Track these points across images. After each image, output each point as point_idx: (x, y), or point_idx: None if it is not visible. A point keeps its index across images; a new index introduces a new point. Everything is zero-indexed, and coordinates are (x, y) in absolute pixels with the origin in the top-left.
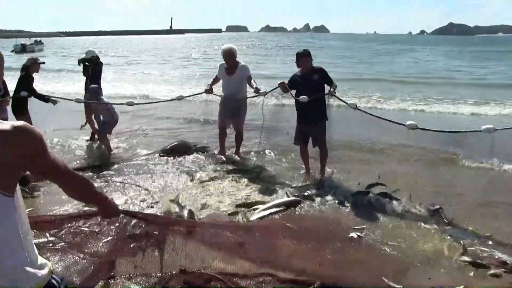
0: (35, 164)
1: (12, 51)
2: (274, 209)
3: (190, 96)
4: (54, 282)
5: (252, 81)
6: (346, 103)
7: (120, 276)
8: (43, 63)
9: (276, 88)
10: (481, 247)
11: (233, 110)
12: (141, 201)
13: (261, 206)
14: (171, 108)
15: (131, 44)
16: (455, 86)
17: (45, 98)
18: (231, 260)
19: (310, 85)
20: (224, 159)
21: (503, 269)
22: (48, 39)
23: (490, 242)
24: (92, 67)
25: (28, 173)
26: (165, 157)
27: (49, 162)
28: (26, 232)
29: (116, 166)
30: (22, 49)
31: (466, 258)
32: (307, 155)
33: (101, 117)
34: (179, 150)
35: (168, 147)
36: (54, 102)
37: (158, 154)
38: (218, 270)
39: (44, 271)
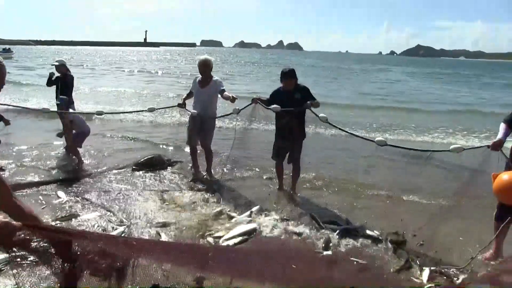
0: None
1: None
2: (238, 238)
3: (162, 108)
4: None
5: (225, 93)
6: (318, 116)
7: None
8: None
9: (250, 104)
10: None
11: (201, 126)
12: (108, 221)
13: (225, 235)
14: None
15: (103, 55)
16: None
17: None
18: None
19: (291, 104)
20: (198, 175)
21: None
22: (16, 47)
23: None
24: (61, 79)
25: None
26: (138, 172)
27: None
28: None
29: (87, 179)
30: None
31: None
32: (282, 171)
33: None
34: (153, 164)
35: (142, 160)
36: (6, 123)
37: (131, 168)
38: (192, 286)
39: None
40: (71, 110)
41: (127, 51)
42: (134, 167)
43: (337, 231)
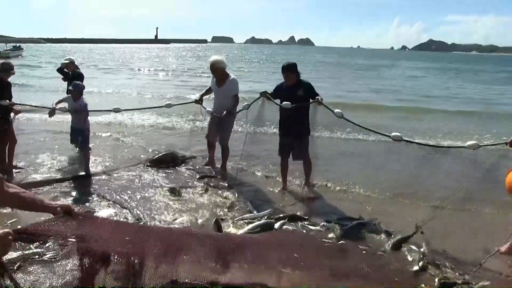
0: None
1: None
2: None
3: (179, 104)
4: None
5: (234, 102)
6: (332, 111)
7: None
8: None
9: (258, 98)
10: None
11: (219, 124)
12: (124, 218)
13: (234, 230)
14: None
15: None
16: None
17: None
18: (224, 270)
19: (293, 100)
20: (213, 171)
21: None
22: (28, 45)
23: None
24: (70, 76)
25: None
26: (152, 168)
27: None
28: None
29: (102, 176)
30: None
31: None
32: (286, 169)
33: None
34: (167, 160)
35: (156, 157)
36: (16, 112)
37: (146, 164)
38: (210, 280)
39: None
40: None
41: (138, 48)
42: (148, 163)
43: (349, 226)
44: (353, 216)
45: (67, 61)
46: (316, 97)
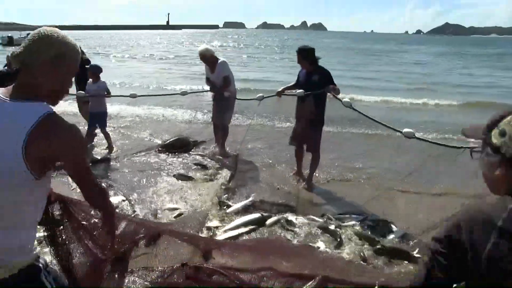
0: (68, 163)
1: None
2: (242, 229)
3: (194, 92)
4: (39, 264)
5: (225, 82)
6: (341, 100)
7: (121, 270)
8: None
9: (273, 95)
10: None
11: (219, 106)
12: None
13: (228, 225)
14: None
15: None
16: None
17: None
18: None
19: (307, 86)
20: (219, 154)
21: None
22: None
23: None
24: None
25: None
26: (163, 153)
27: (80, 167)
28: (41, 211)
29: (113, 163)
30: (9, 41)
31: None
32: (300, 156)
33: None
34: (178, 145)
35: (167, 142)
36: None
37: (157, 149)
38: (220, 264)
39: (36, 250)
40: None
41: (151, 34)
42: (159, 148)
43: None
44: (354, 211)
45: None
46: (330, 86)
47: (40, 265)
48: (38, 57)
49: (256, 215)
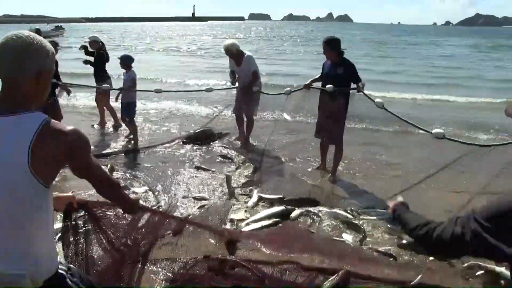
0: (76, 164)
1: None
2: (265, 221)
3: (219, 89)
4: (62, 271)
5: (253, 78)
6: (373, 100)
7: (145, 260)
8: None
9: (300, 89)
10: None
11: (244, 98)
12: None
13: (251, 218)
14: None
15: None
16: None
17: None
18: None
19: (331, 78)
20: (243, 146)
21: None
22: (69, 24)
23: None
24: (96, 55)
25: None
26: (187, 145)
27: (88, 165)
28: (52, 221)
29: (138, 154)
30: (37, 34)
31: None
32: (325, 148)
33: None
34: (202, 137)
35: (192, 134)
36: (68, 92)
37: (181, 141)
38: (242, 257)
39: (58, 258)
40: (106, 85)
41: (177, 26)
42: (184, 140)
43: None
44: (378, 205)
45: (89, 40)
46: (358, 84)
47: (63, 271)
48: (23, 72)
49: (279, 208)
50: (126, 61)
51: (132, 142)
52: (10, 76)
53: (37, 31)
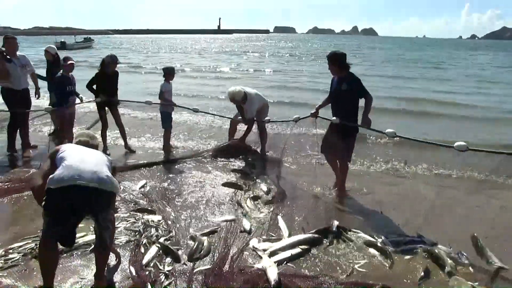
0: None
1: None
2: (294, 250)
3: (206, 113)
4: None
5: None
6: (384, 133)
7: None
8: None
9: (307, 117)
10: None
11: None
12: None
13: (275, 246)
14: None
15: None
16: None
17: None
18: None
19: (337, 93)
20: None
21: None
22: (95, 36)
23: None
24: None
25: None
26: (215, 158)
27: None
28: None
29: (167, 165)
30: (61, 46)
31: None
32: (333, 163)
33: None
34: (230, 151)
35: (220, 147)
36: (81, 100)
37: (209, 154)
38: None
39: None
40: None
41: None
42: (211, 153)
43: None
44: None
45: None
46: (365, 118)
47: None
48: None
49: (308, 235)
50: (170, 72)
51: (165, 152)
52: None
53: (62, 44)
